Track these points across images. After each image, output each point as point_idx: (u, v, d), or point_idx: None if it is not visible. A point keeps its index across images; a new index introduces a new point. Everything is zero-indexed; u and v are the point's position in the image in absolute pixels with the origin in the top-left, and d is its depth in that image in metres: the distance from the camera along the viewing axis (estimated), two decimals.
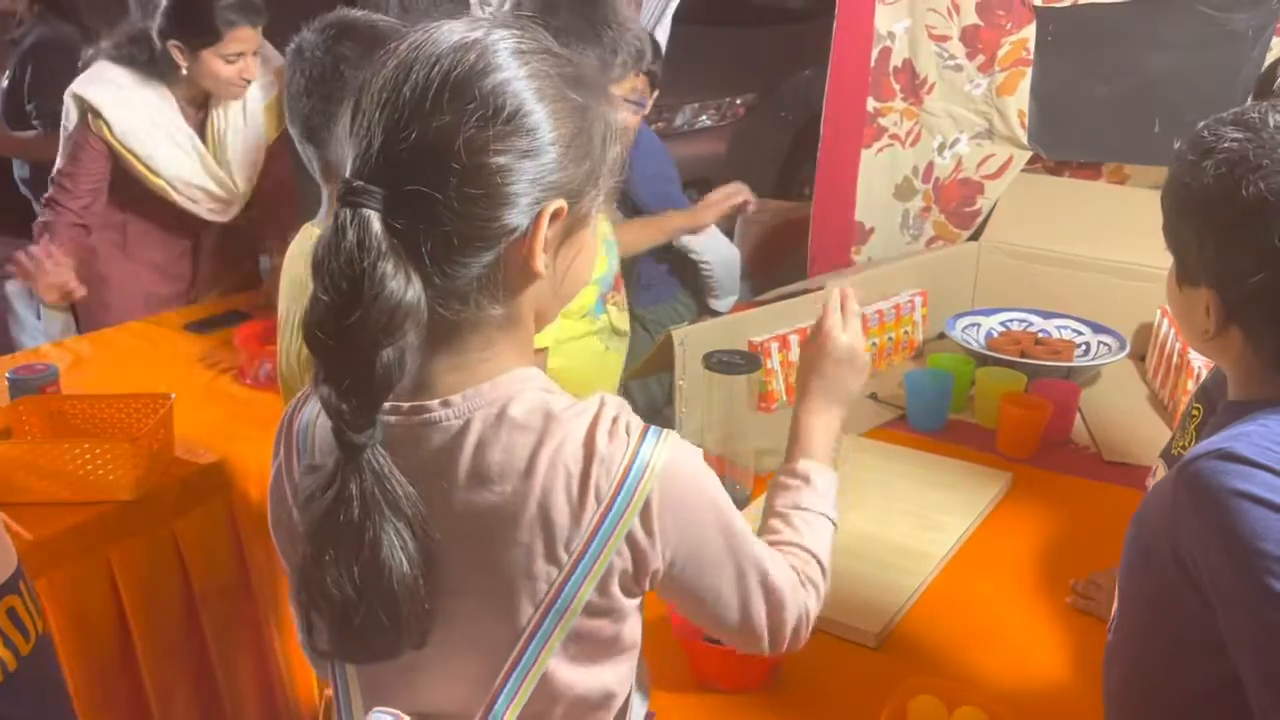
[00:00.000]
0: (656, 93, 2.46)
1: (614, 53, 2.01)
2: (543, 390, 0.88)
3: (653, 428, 0.88)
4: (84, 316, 2.79)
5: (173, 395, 2.00)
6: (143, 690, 1.90)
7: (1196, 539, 0.91)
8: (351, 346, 0.78)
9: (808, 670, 1.32)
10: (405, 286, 0.78)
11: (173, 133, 2.57)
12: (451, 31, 0.82)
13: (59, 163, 2.56)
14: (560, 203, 0.83)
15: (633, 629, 0.92)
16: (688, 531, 0.88)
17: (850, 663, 1.36)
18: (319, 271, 0.79)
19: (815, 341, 1.20)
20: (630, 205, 2.60)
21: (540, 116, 0.81)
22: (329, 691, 1.42)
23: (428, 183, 0.78)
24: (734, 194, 2.68)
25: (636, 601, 0.91)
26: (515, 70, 0.80)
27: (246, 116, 2.67)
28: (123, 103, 2.50)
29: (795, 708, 1.28)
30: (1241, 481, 0.87)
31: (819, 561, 1.05)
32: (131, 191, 2.63)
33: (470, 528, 0.85)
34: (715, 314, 2.76)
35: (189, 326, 2.64)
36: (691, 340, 1.87)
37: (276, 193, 2.81)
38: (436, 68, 0.79)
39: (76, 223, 2.57)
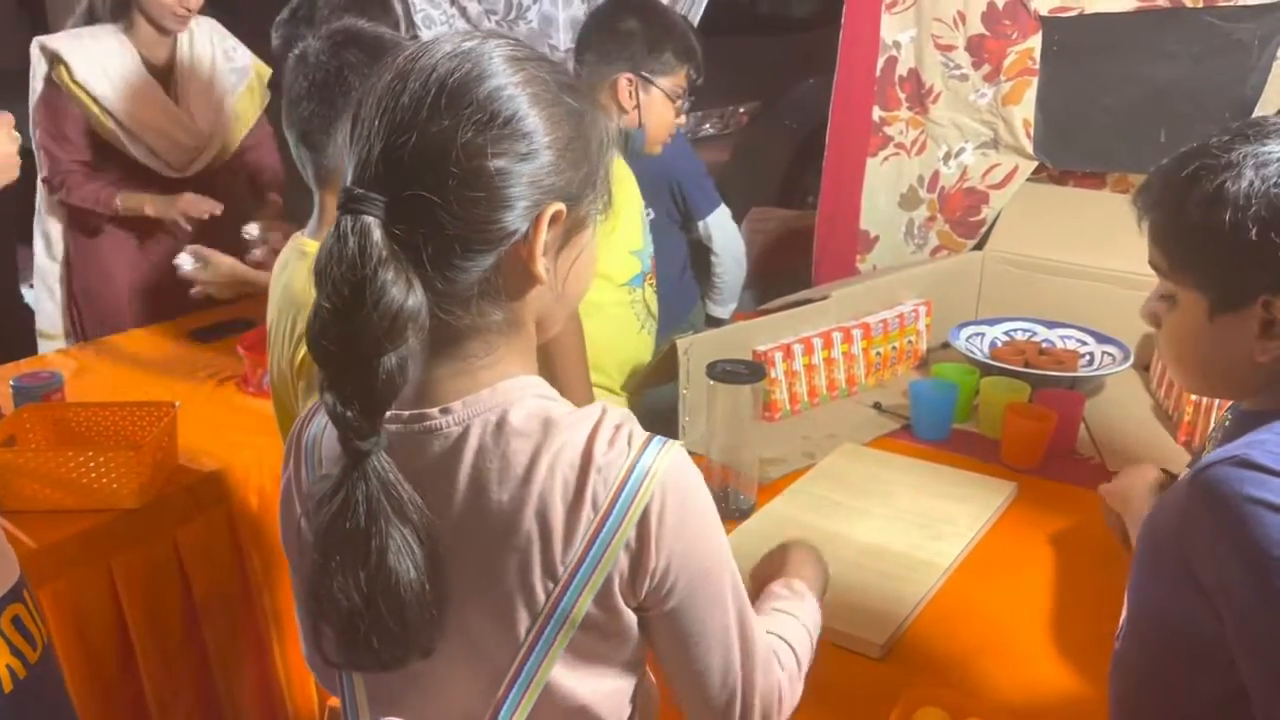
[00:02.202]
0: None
1: (664, 42, 2.07)
2: (542, 397, 0.88)
3: (656, 437, 0.87)
4: (89, 320, 2.80)
5: (177, 403, 2.01)
6: (143, 699, 1.89)
7: (1209, 545, 0.90)
8: (354, 353, 0.79)
9: (811, 681, 1.31)
10: (406, 293, 0.78)
11: (127, 74, 2.61)
12: (447, 42, 0.84)
13: (39, 131, 2.62)
14: (559, 206, 0.84)
15: (637, 641, 0.91)
16: (685, 542, 0.87)
17: (855, 673, 1.35)
18: (321, 279, 0.80)
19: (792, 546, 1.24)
20: (681, 208, 2.62)
21: (536, 121, 0.82)
22: (332, 702, 1.42)
23: (427, 187, 0.79)
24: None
25: (639, 614, 0.90)
26: (510, 77, 0.82)
27: (214, 77, 2.75)
28: (82, 48, 2.56)
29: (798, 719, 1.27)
30: (1257, 488, 0.87)
31: (797, 657, 1.04)
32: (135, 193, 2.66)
33: (471, 535, 0.85)
34: (714, 320, 2.75)
35: (193, 334, 2.64)
36: (696, 349, 1.87)
37: (256, 161, 2.86)
38: (433, 75, 0.81)
39: (84, 172, 2.63)
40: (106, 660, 1.84)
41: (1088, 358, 2.23)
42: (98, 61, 2.57)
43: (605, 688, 0.91)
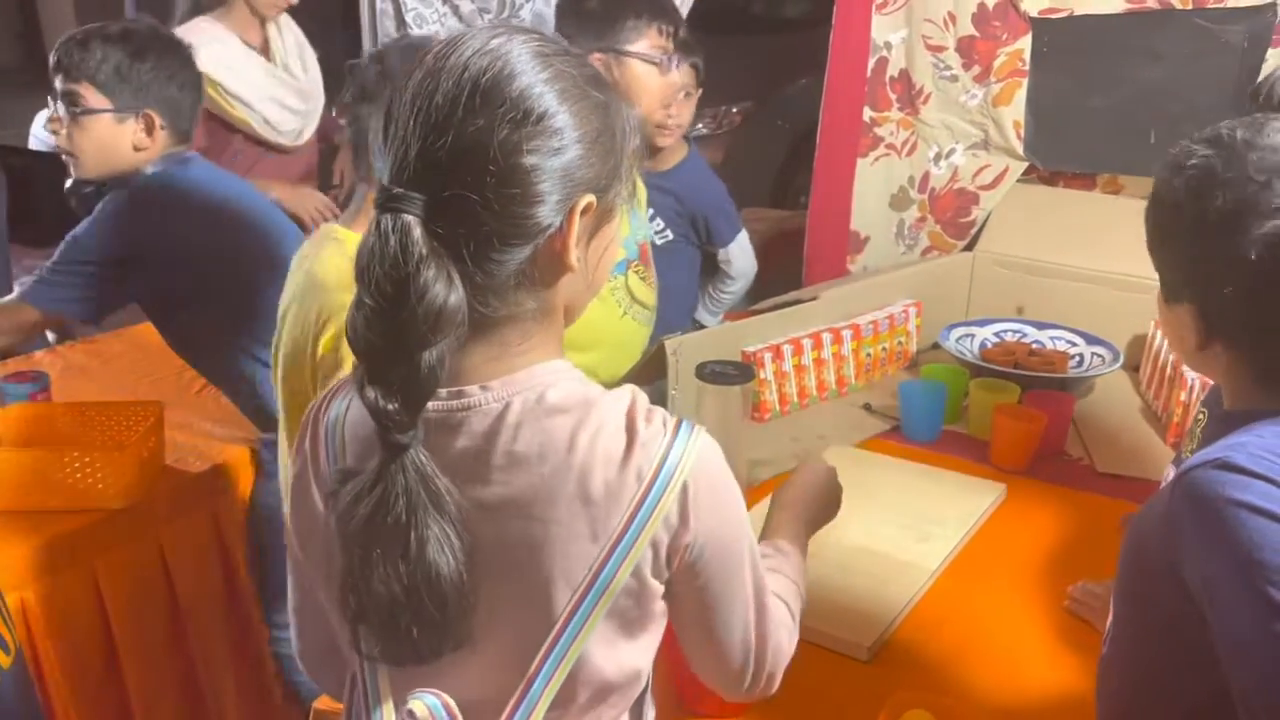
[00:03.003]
0: (700, 90, 2.46)
1: (624, 10, 2.05)
2: (578, 380, 0.91)
3: (685, 420, 0.91)
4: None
5: (162, 403, 2.00)
6: (127, 700, 1.89)
7: (1193, 548, 0.90)
8: (397, 349, 0.81)
9: (798, 683, 1.31)
10: (448, 289, 0.81)
11: (236, 55, 2.79)
12: (474, 39, 0.85)
13: None
14: (590, 198, 0.86)
15: (661, 610, 0.94)
16: (717, 519, 0.91)
17: (841, 676, 1.35)
18: (363, 277, 0.81)
19: (806, 469, 1.33)
20: (703, 236, 2.58)
21: (566, 117, 0.84)
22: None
23: (466, 185, 0.81)
24: None
25: (663, 586, 0.92)
26: (539, 74, 0.84)
27: (303, 53, 2.95)
28: (193, 40, 2.61)
29: None
30: (1239, 491, 0.87)
31: (792, 611, 1.09)
32: None
33: (508, 511, 0.86)
34: (699, 326, 2.74)
35: None
36: (685, 350, 1.86)
37: None
38: (465, 74, 0.82)
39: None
40: (91, 661, 1.83)
41: (1077, 359, 2.23)
42: (205, 48, 2.62)
43: (629, 657, 0.93)
